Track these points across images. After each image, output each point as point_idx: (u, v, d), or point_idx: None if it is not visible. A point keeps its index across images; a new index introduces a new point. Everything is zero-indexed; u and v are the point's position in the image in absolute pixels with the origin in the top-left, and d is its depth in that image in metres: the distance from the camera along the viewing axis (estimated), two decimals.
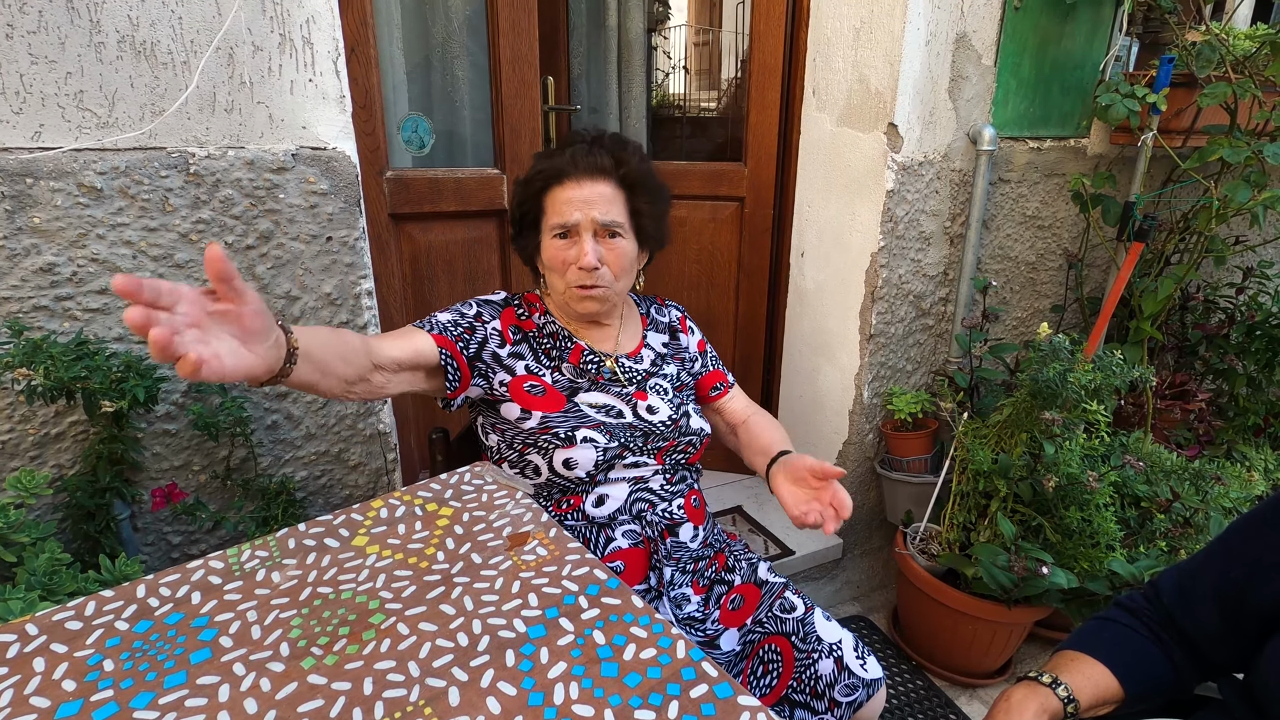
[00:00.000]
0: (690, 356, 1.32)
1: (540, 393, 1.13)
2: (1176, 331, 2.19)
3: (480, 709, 0.60)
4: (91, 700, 0.60)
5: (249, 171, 1.23)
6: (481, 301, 1.18)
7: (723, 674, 0.63)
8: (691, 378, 1.30)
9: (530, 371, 1.15)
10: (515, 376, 1.14)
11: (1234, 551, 0.85)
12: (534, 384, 1.13)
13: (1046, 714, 0.84)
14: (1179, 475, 1.74)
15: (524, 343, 1.17)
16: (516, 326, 1.18)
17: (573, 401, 1.13)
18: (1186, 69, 1.77)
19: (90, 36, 1.09)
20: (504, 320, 1.17)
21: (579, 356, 1.18)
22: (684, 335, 1.34)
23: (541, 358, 1.17)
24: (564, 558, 0.80)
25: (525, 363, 1.15)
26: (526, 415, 1.10)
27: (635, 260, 1.19)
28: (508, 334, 1.16)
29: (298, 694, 0.61)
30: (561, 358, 1.18)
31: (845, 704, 1.08)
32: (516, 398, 1.12)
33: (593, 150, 1.13)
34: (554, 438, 1.08)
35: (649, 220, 1.18)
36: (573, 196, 1.12)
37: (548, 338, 1.19)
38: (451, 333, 1.10)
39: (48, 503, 1.21)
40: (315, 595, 0.73)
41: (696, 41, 3.51)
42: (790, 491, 1.08)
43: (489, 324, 1.15)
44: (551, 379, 1.15)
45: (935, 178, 1.83)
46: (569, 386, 1.15)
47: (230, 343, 0.67)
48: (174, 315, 0.60)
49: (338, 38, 1.25)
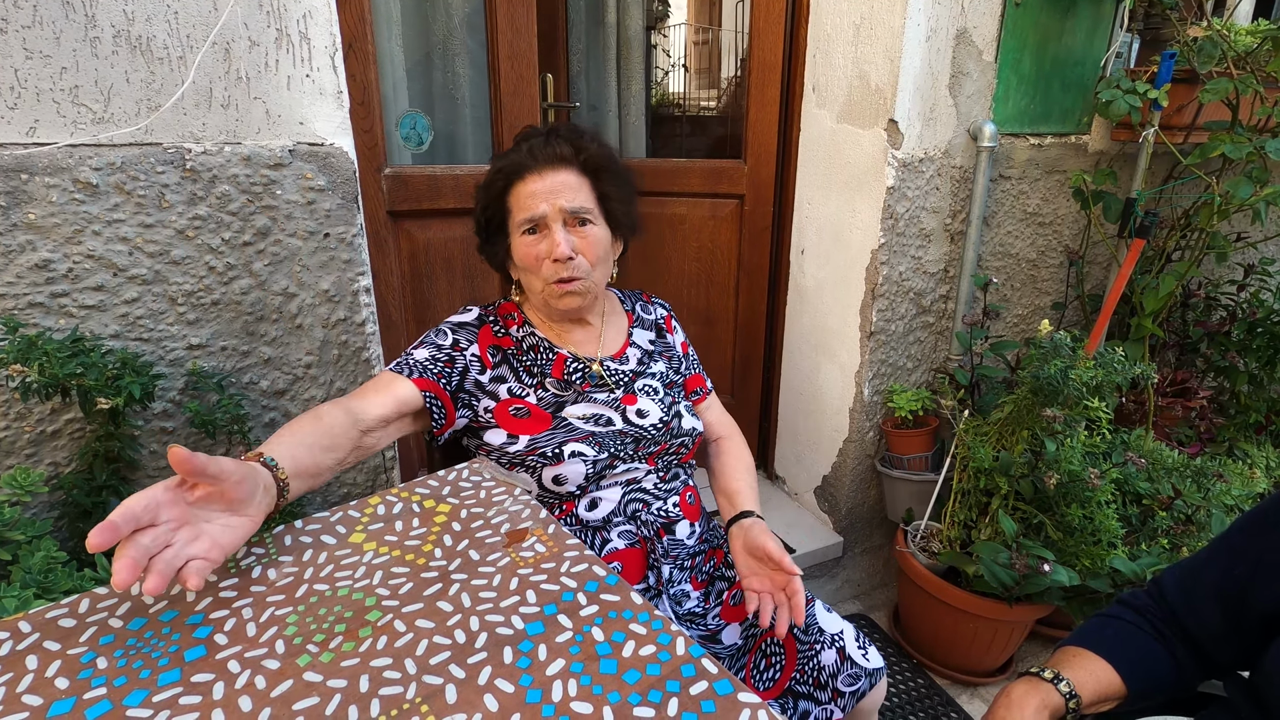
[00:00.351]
0: (677, 355, 1.29)
1: (525, 415, 1.09)
2: (1178, 328, 2.19)
3: (478, 706, 0.59)
4: (84, 698, 0.60)
5: (246, 167, 1.22)
6: (455, 326, 1.13)
7: (722, 670, 0.62)
8: (680, 375, 1.27)
9: (513, 395, 1.10)
10: (499, 401, 1.09)
11: (1237, 550, 0.85)
12: (518, 407, 1.09)
13: (1047, 709, 0.84)
14: (1180, 473, 1.73)
15: (504, 364, 1.13)
16: (495, 347, 1.13)
17: (559, 417, 1.09)
18: (1188, 65, 1.76)
19: (85, 31, 1.08)
20: (481, 343, 1.12)
21: (561, 369, 1.14)
22: (669, 334, 1.30)
23: (523, 376, 1.13)
24: (563, 554, 0.79)
25: (508, 385, 1.11)
26: (513, 439, 1.07)
27: (610, 248, 1.16)
28: (486, 357, 1.12)
29: (293, 691, 0.61)
30: (544, 373, 1.14)
31: (848, 694, 1.08)
32: (502, 423, 1.08)
33: (550, 141, 1.10)
34: (541, 457, 1.05)
35: (618, 204, 1.15)
36: (536, 189, 1.08)
37: (528, 353, 1.15)
38: (431, 371, 1.06)
39: (44, 501, 1.20)
40: (312, 592, 0.73)
41: (696, 40, 3.51)
42: (745, 561, 1.09)
43: (467, 350, 1.11)
44: (536, 398, 1.11)
45: (936, 174, 1.82)
46: (554, 402, 1.11)
47: (220, 520, 0.71)
48: (158, 529, 0.65)
49: (335, 33, 1.24)
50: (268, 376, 1.33)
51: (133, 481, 1.26)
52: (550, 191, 1.08)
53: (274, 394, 1.35)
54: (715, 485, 1.26)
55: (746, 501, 1.18)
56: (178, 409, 1.27)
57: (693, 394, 1.29)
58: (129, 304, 1.19)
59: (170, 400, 1.26)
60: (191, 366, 1.25)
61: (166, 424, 1.27)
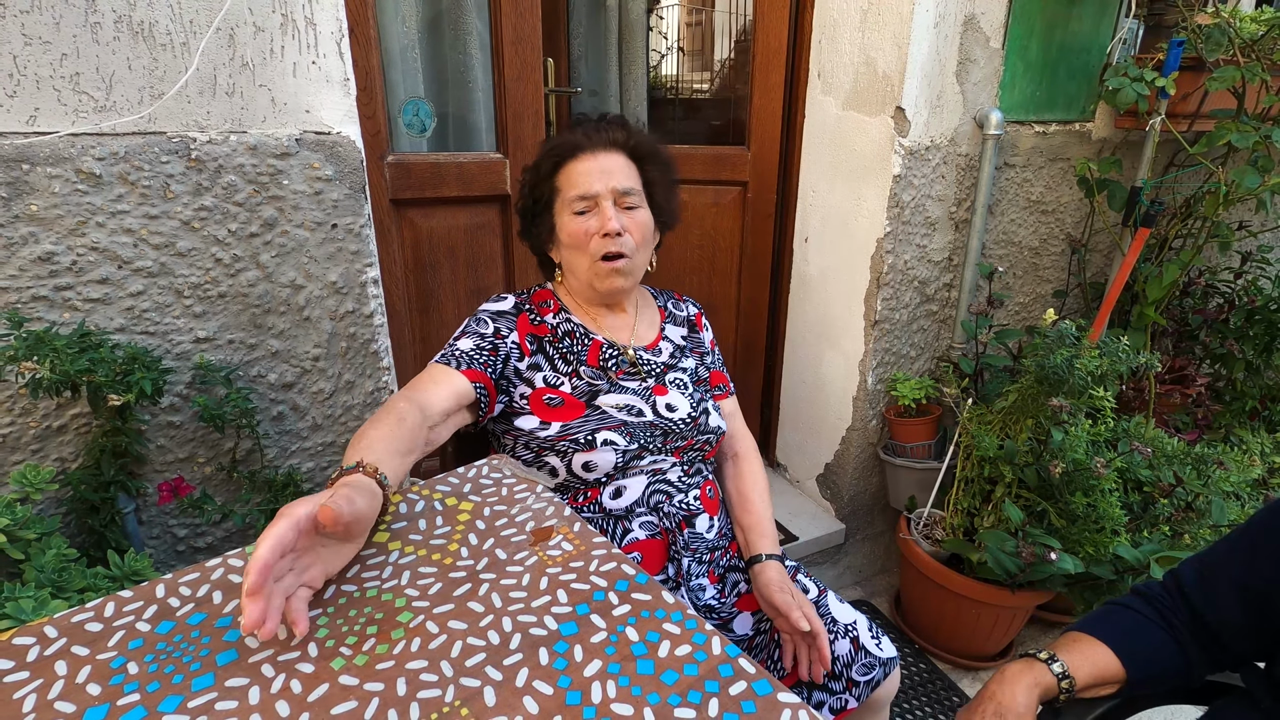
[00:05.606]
0: (707, 352, 1.31)
1: (559, 404, 1.10)
2: (1176, 316, 2.20)
3: (518, 709, 0.59)
4: (118, 705, 0.59)
5: (252, 157, 1.20)
6: (494, 314, 1.15)
7: (760, 670, 0.63)
8: (708, 371, 1.29)
9: (548, 384, 1.12)
10: (535, 389, 1.11)
11: (1260, 546, 0.85)
12: (552, 396, 1.11)
13: (1040, 688, 0.86)
14: (1181, 460, 1.75)
15: (540, 352, 1.15)
16: (532, 335, 1.15)
17: (593, 405, 1.11)
18: (1195, 52, 1.76)
19: (86, 16, 1.05)
20: (520, 330, 1.14)
21: (597, 355, 1.16)
22: (700, 331, 1.33)
23: (559, 364, 1.14)
24: (590, 553, 0.78)
25: (543, 374, 1.13)
26: (545, 425, 1.08)
27: (653, 233, 1.19)
28: (525, 345, 1.13)
29: (330, 696, 0.60)
30: (580, 359, 1.15)
31: (863, 683, 1.09)
32: (536, 410, 1.10)
33: (602, 126, 1.17)
34: (573, 443, 1.06)
35: (661, 190, 1.20)
36: (589, 168, 1.13)
37: (563, 339, 1.16)
38: (478, 361, 1.07)
39: (51, 497, 1.18)
40: (340, 594, 0.72)
41: (689, 21, 3.47)
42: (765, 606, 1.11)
43: (508, 338, 1.12)
44: (570, 386, 1.13)
45: (942, 162, 1.82)
46: (588, 391, 1.13)
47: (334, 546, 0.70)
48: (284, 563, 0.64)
49: (341, 18, 1.22)
50: (275, 369, 1.32)
51: (140, 476, 1.25)
52: (603, 171, 1.12)
53: (282, 387, 1.33)
54: (732, 513, 1.26)
55: (760, 540, 1.18)
56: (185, 403, 1.25)
57: (716, 389, 1.30)
58: (134, 297, 1.17)
59: (177, 394, 1.24)
60: (199, 360, 1.23)
61: (174, 418, 1.25)
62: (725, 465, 1.30)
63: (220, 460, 1.31)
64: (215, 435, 1.29)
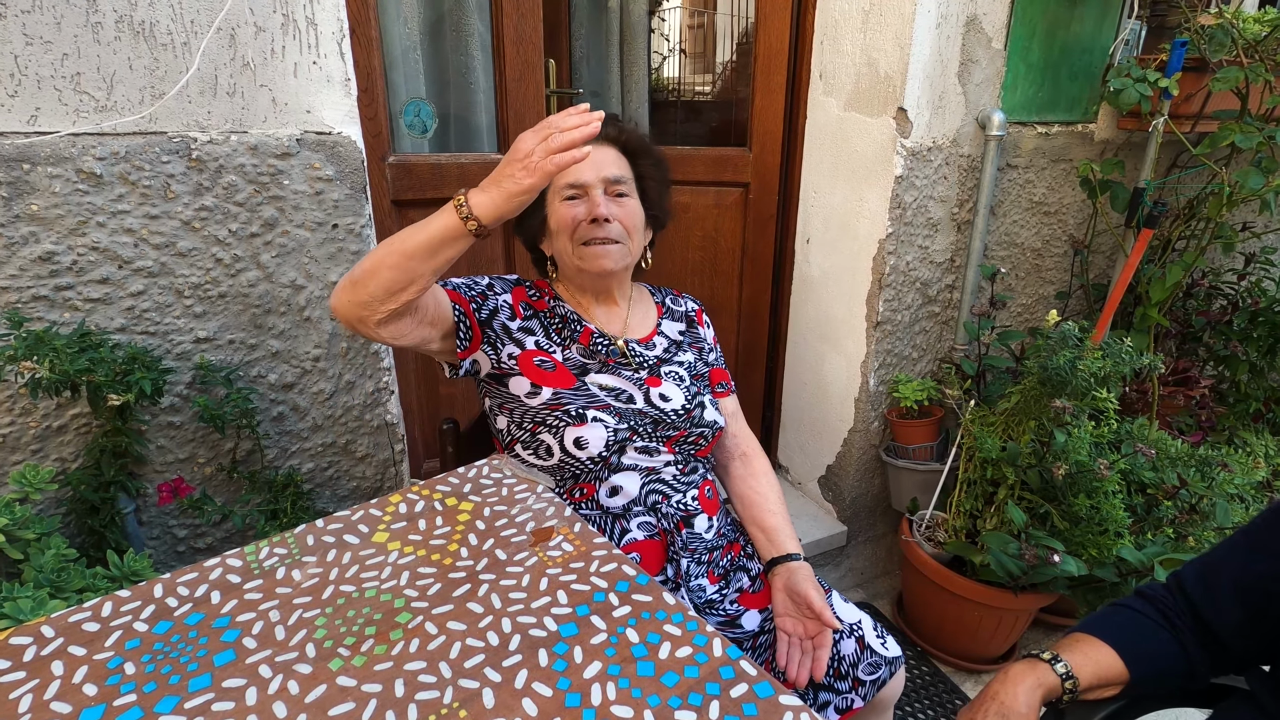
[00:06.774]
0: (708, 348, 1.32)
1: (550, 368, 1.13)
2: (1180, 318, 2.19)
3: (516, 710, 0.59)
4: (114, 705, 0.59)
5: (252, 157, 1.19)
6: (493, 277, 1.19)
7: (762, 673, 0.62)
8: (707, 367, 1.29)
9: (540, 347, 1.15)
10: (524, 350, 1.14)
11: (1259, 545, 0.85)
12: (544, 359, 1.14)
13: (1042, 688, 0.86)
14: (1184, 462, 1.74)
15: (534, 319, 1.18)
16: (527, 303, 1.19)
17: (583, 381, 1.13)
18: (1198, 53, 1.75)
19: (86, 16, 1.05)
20: (515, 295, 1.18)
21: (589, 338, 1.19)
22: (700, 327, 1.33)
23: (552, 335, 1.18)
24: (590, 553, 0.78)
25: (535, 338, 1.16)
26: (536, 390, 1.10)
27: (643, 226, 1.21)
28: (518, 308, 1.17)
29: (328, 697, 0.60)
30: (572, 338, 1.18)
31: (869, 682, 1.09)
32: (526, 371, 1.12)
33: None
34: (565, 414, 1.08)
35: (654, 186, 1.23)
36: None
37: (558, 319, 1.19)
38: (465, 293, 1.11)
39: (50, 497, 1.18)
40: (338, 594, 0.72)
41: (691, 24, 3.46)
42: (783, 600, 1.12)
43: (500, 295, 1.16)
44: (562, 356, 1.16)
45: (944, 163, 1.81)
46: (579, 366, 1.16)
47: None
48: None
49: (342, 19, 1.22)
50: (276, 370, 1.31)
51: (140, 477, 1.25)
52: (594, 162, 1.14)
53: (282, 387, 1.33)
54: (746, 514, 1.25)
55: (788, 542, 1.18)
56: (185, 403, 1.25)
57: (717, 386, 1.30)
58: (135, 297, 1.17)
59: (177, 395, 1.24)
60: (199, 360, 1.23)
61: (174, 419, 1.25)
62: (733, 465, 1.29)
63: (220, 461, 1.31)
64: (215, 436, 1.29)
